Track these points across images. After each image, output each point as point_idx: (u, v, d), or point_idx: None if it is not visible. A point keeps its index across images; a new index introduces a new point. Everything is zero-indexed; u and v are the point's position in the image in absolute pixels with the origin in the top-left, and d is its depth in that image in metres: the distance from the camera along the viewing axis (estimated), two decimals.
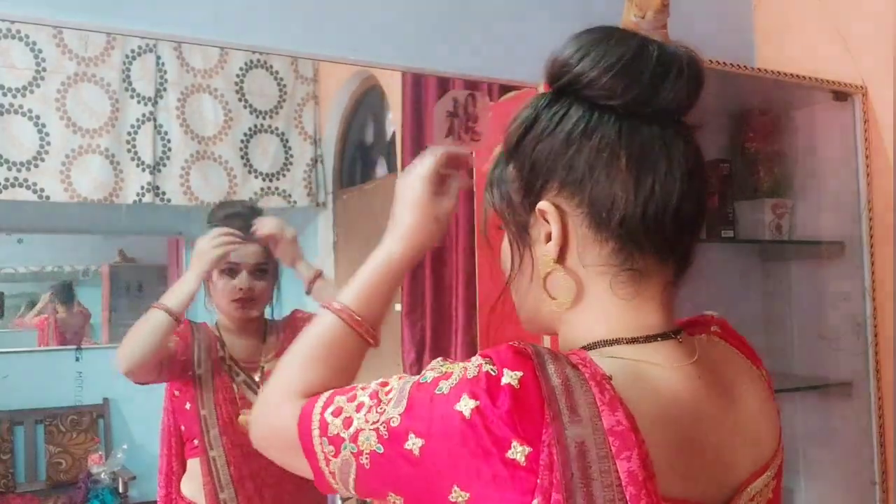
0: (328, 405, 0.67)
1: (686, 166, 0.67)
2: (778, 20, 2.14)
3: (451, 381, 0.60)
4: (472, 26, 1.72)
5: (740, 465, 0.67)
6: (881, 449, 1.85)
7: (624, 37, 0.67)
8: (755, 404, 0.71)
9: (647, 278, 0.67)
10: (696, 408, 0.65)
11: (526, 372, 0.58)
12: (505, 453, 0.56)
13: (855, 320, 1.90)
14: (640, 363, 0.64)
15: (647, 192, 0.64)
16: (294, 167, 2.43)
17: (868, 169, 1.91)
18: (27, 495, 2.36)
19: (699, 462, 0.63)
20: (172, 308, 1.49)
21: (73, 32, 1.97)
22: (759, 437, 0.70)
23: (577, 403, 0.57)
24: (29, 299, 2.87)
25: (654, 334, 0.66)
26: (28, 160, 2.04)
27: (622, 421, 0.57)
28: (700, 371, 0.67)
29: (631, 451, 0.56)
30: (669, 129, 0.67)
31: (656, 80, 0.65)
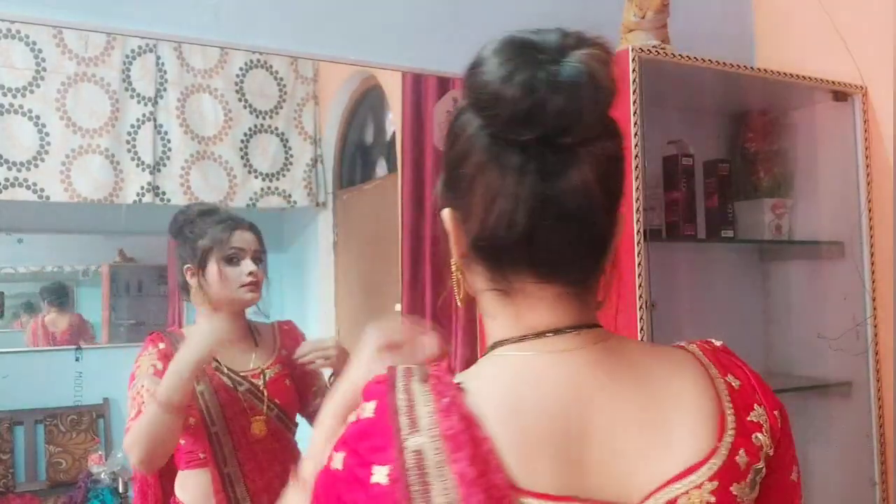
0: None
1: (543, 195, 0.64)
2: (778, 20, 2.14)
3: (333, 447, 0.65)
4: (472, 26, 1.72)
5: (642, 462, 0.65)
6: (881, 449, 1.85)
7: (519, 50, 0.65)
8: (678, 404, 0.68)
9: (526, 295, 0.68)
10: (579, 398, 0.65)
11: (379, 398, 0.64)
12: (370, 480, 0.60)
13: (855, 320, 1.91)
14: (515, 356, 0.67)
15: (494, 216, 0.64)
16: (294, 167, 2.43)
17: (868, 169, 1.91)
18: (27, 495, 2.36)
19: (571, 454, 0.63)
20: (172, 401, 1.42)
21: (73, 32, 1.97)
22: (674, 437, 0.67)
23: (417, 415, 0.62)
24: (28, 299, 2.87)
25: (543, 331, 0.67)
26: (28, 160, 2.04)
27: (455, 425, 0.60)
28: (591, 356, 0.67)
29: (461, 453, 0.59)
30: (548, 153, 0.64)
31: (531, 103, 0.62)
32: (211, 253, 1.62)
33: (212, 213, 1.67)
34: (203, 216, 1.67)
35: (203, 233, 1.63)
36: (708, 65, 1.71)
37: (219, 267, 1.61)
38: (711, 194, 1.92)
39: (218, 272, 1.61)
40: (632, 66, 1.57)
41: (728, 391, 0.71)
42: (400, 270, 2.22)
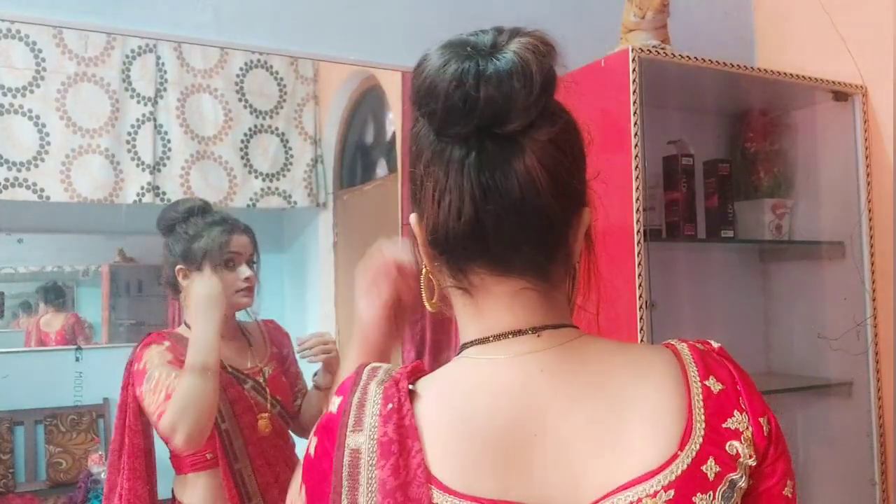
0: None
1: (486, 184, 0.64)
2: (778, 20, 2.14)
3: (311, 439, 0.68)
4: (472, 26, 1.71)
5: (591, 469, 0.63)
6: (881, 449, 1.85)
7: (451, 49, 0.66)
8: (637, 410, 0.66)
9: (487, 292, 0.68)
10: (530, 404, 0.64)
11: (344, 395, 0.67)
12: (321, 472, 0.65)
13: (855, 320, 1.91)
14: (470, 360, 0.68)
15: (445, 215, 0.66)
16: (294, 167, 2.43)
17: (868, 169, 1.91)
18: (27, 495, 2.36)
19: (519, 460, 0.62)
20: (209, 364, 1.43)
21: (73, 32, 1.97)
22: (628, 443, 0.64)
23: (363, 415, 0.64)
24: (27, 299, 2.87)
25: (504, 332, 0.68)
26: (28, 160, 2.04)
27: (389, 433, 0.62)
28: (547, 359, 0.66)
29: (386, 461, 0.61)
30: (489, 145, 0.65)
31: (455, 108, 0.63)
32: (208, 256, 1.60)
33: (205, 213, 1.65)
34: (197, 215, 1.65)
35: (199, 234, 1.61)
36: (708, 65, 1.71)
37: (219, 272, 1.60)
38: (711, 194, 1.92)
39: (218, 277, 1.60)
40: (632, 66, 1.57)
41: (703, 396, 0.67)
42: None
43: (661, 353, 0.71)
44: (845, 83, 1.91)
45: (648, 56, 1.62)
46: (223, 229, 1.62)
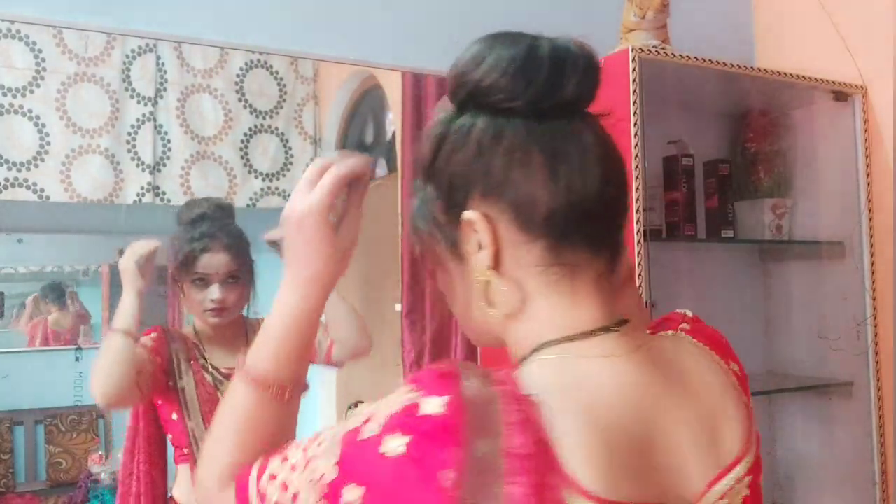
0: (262, 472, 0.66)
1: (599, 153, 0.66)
2: (778, 20, 2.14)
3: (379, 420, 0.59)
4: (472, 26, 1.71)
5: (699, 460, 0.65)
6: (881, 449, 1.85)
7: (514, 38, 0.67)
8: (717, 398, 0.69)
9: (580, 272, 0.66)
10: (637, 401, 0.64)
11: (452, 395, 0.58)
12: (434, 483, 0.56)
13: (855, 320, 1.90)
14: (575, 359, 0.64)
15: (565, 183, 0.64)
16: (294, 167, 2.43)
17: (868, 169, 1.91)
18: (27, 495, 2.36)
19: (646, 457, 0.62)
20: (125, 328, 1.47)
21: (73, 32, 1.97)
22: (719, 433, 0.68)
23: (489, 421, 0.57)
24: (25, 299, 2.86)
25: (591, 330, 0.66)
26: (28, 160, 2.04)
27: (527, 443, 0.57)
28: (644, 361, 0.66)
29: (519, 478, 0.56)
30: (575, 120, 0.67)
31: (553, 75, 0.65)
32: (181, 272, 1.62)
33: (197, 224, 1.64)
34: (191, 224, 1.65)
35: (180, 247, 1.62)
36: (708, 65, 1.71)
37: (186, 287, 1.62)
38: (711, 194, 1.92)
39: (186, 292, 1.63)
40: (632, 66, 1.57)
41: (738, 381, 0.72)
42: (400, 270, 2.22)
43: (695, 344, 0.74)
44: (845, 83, 1.91)
45: (648, 56, 1.62)
46: (196, 247, 1.61)
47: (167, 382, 1.58)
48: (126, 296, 1.53)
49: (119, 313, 1.51)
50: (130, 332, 1.47)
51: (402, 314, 2.21)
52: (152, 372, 1.54)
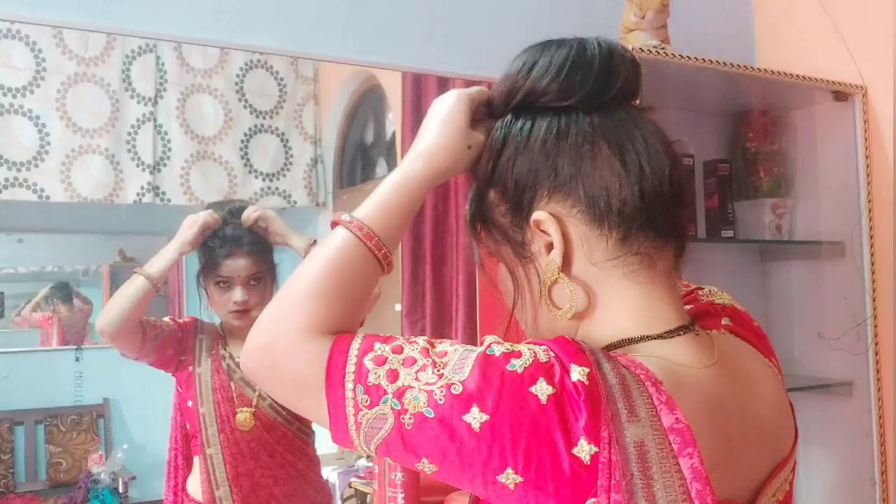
0: (367, 350, 0.61)
1: (660, 139, 0.68)
2: (778, 20, 2.14)
3: (524, 360, 0.57)
4: (472, 26, 1.72)
5: (764, 459, 0.67)
6: (881, 449, 1.85)
7: (561, 41, 0.69)
8: (772, 398, 0.71)
9: (655, 261, 0.67)
10: (722, 406, 0.64)
11: (591, 369, 0.57)
12: (572, 449, 0.55)
13: (855, 320, 1.90)
14: (671, 363, 0.63)
15: (637, 172, 0.65)
16: (294, 167, 2.43)
17: (868, 169, 1.91)
18: (27, 495, 2.36)
19: (731, 460, 0.63)
20: (151, 274, 1.53)
21: (73, 32, 1.97)
22: (776, 431, 0.70)
23: (634, 404, 0.56)
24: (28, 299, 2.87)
25: (674, 328, 0.66)
26: (28, 160, 2.04)
27: (681, 419, 0.56)
28: (721, 368, 0.67)
29: (693, 448, 0.56)
30: (631, 111, 0.69)
31: (605, 70, 0.67)
32: (205, 274, 1.67)
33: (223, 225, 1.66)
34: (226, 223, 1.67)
35: (203, 251, 1.66)
36: (708, 65, 1.71)
37: (210, 289, 1.66)
38: (711, 194, 1.92)
39: (211, 294, 1.67)
40: None
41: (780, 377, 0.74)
42: (400, 270, 2.22)
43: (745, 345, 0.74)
44: (845, 83, 1.91)
45: (648, 56, 1.62)
46: (219, 253, 1.64)
47: (188, 367, 1.62)
48: (170, 248, 1.58)
49: (154, 259, 1.56)
50: (151, 277, 1.53)
51: (402, 314, 2.21)
52: (166, 335, 1.60)
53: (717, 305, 0.78)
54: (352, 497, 2.30)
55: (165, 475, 1.68)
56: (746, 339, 0.74)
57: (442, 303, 2.16)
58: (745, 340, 0.74)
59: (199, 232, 1.60)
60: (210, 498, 1.57)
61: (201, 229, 1.60)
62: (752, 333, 0.76)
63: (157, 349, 1.58)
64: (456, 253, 2.11)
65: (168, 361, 1.61)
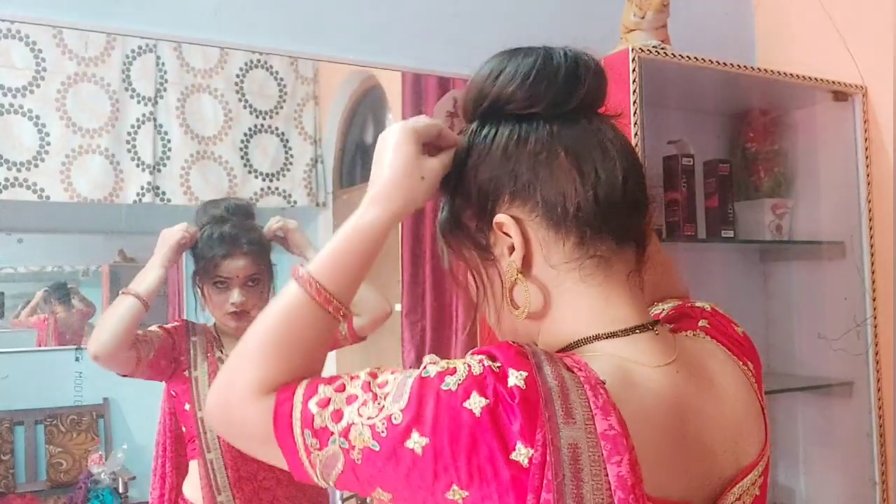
0: (311, 394, 0.64)
1: (619, 149, 0.69)
2: (778, 20, 2.14)
3: (458, 377, 0.59)
4: (472, 26, 1.71)
5: (724, 462, 0.68)
6: (881, 449, 1.85)
7: (529, 49, 0.70)
8: (738, 401, 0.71)
9: (611, 264, 0.69)
10: (678, 404, 0.65)
11: (529, 372, 0.59)
12: (510, 455, 0.57)
13: (855, 320, 1.90)
14: (624, 361, 0.65)
15: (592, 178, 0.67)
16: (294, 167, 2.43)
17: (868, 169, 1.91)
18: (27, 495, 2.36)
19: (684, 460, 0.65)
20: (140, 293, 1.50)
21: (73, 32, 1.97)
22: (742, 433, 0.70)
23: (572, 406, 0.58)
24: (28, 299, 2.86)
25: (630, 327, 0.67)
26: (28, 160, 2.04)
27: (614, 426, 0.58)
28: (681, 368, 0.68)
29: (622, 456, 0.57)
30: (591, 121, 0.70)
31: (570, 79, 0.68)
32: (203, 274, 1.63)
33: (220, 224, 1.65)
34: (213, 225, 1.65)
35: (203, 249, 1.63)
36: (708, 65, 1.71)
37: (207, 290, 1.64)
38: (711, 194, 1.92)
39: (207, 294, 1.64)
40: (632, 67, 1.57)
41: (754, 378, 0.74)
42: (400, 270, 2.22)
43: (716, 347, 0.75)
44: (845, 83, 1.91)
45: (648, 56, 1.62)
46: (218, 252, 1.62)
47: (182, 371, 1.59)
48: (153, 265, 1.56)
49: (138, 277, 1.54)
50: (140, 296, 1.50)
51: (402, 314, 2.21)
52: (158, 347, 1.56)
53: (697, 308, 0.80)
54: (351, 497, 2.30)
55: (151, 484, 1.64)
56: (720, 341, 0.75)
57: (442, 303, 2.16)
58: (719, 343, 0.75)
59: (178, 249, 1.59)
60: (212, 502, 1.55)
61: (178, 246, 1.58)
62: (727, 337, 0.76)
63: (151, 364, 1.55)
64: None
65: (162, 372, 1.58)
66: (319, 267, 0.70)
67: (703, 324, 0.77)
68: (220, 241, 1.62)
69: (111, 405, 2.56)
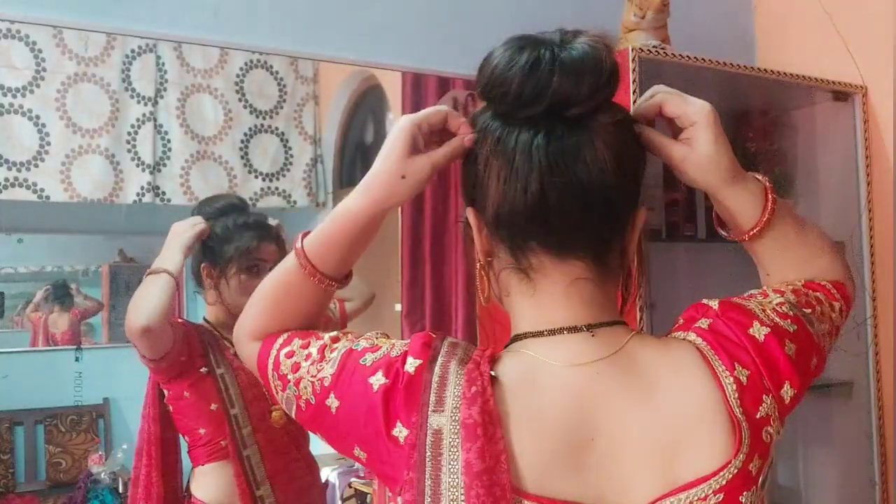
0: (285, 345, 0.76)
1: (549, 162, 0.66)
2: (778, 20, 2.14)
3: (376, 355, 0.69)
4: (472, 26, 1.71)
5: (643, 474, 0.65)
6: (881, 449, 1.85)
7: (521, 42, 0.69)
8: (685, 416, 0.67)
9: (544, 275, 0.69)
10: (583, 405, 0.65)
11: (423, 361, 0.66)
12: (392, 430, 0.65)
13: (855, 320, 1.90)
14: (536, 359, 0.67)
15: (512, 190, 0.67)
16: (294, 167, 2.43)
17: (868, 169, 1.91)
18: (27, 495, 2.36)
19: (580, 460, 0.64)
20: (172, 270, 1.49)
21: (73, 32, 1.97)
22: (679, 449, 0.66)
23: (445, 395, 0.64)
24: (28, 299, 2.87)
25: (559, 328, 0.69)
26: (28, 160, 2.04)
27: (474, 415, 0.62)
28: (605, 368, 0.67)
29: (472, 444, 0.62)
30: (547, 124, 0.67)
31: (533, 82, 0.66)
32: (234, 261, 1.60)
33: (240, 213, 1.64)
34: (230, 214, 1.64)
35: (230, 237, 1.61)
36: (708, 65, 1.71)
37: (239, 276, 1.60)
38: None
39: (238, 282, 1.60)
40: (632, 67, 1.57)
41: (738, 391, 0.68)
42: (400, 270, 2.22)
43: (690, 352, 0.71)
44: (845, 83, 1.91)
45: (648, 56, 1.62)
46: (253, 235, 1.61)
47: (198, 369, 1.55)
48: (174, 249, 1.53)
49: (162, 257, 1.52)
50: (172, 273, 1.49)
51: (402, 314, 2.21)
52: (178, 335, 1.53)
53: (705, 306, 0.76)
54: (352, 497, 2.30)
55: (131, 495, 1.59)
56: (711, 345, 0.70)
57: (442, 303, 2.16)
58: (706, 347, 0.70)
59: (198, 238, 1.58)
60: (249, 499, 1.53)
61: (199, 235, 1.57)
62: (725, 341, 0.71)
63: (177, 348, 1.51)
64: (456, 253, 2.11)
65: (179, 361, 1.53)
66: (314, 241, 0.78)
67: (702, 324, 0.73)
68: (248, 227, 1.62)
69: (111, 405, 2.56)
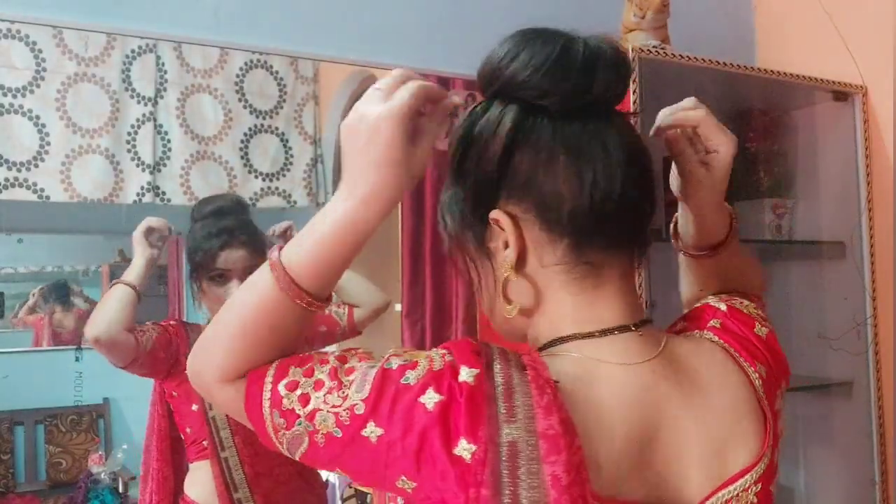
0: (281, 377, 0.66)
1: (623, 154, 0.67)
2: (778, 20, 2.14)
3: (418, 371, 0.61)
4: (472, 26, 1.72)
5: (699, 469, 0.67)
6: (881, 449, 1.85)
7: (550, 36, 0.68)
8: (729, 403, 0.70)
9: (603, 270, 0.68)
10: (646, 402, 0.65)
11: (479, 370, 0.60)
12: (453, 450, 0.58)
13: (855, 320, 1.90)
14: (591, 360, 0.65)
15: (589, 184, 0.65)
16: (294, 167, 2.43)
17: (868, 169, 1.91)
18: (27, 495, 2.36)
19: (644, 459, 0.64)
20: (128, 280, 1.53)
21: (73, 32, 1.97)
22: (728, 443, 0.68)
23: (515, 405, 0.59)
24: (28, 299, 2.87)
25: (610, 328, 0.67)
26: (28, 160, 2.04)
27: (554, 425, 0.58)
28: (658, 368, 0.67)
29: (557, 456, 0.57)
30: (602, 120, 0.68)
31: (584, 75, 0.66)
32: (201, 268, 1.62)
33: (217, 218, 1.65)
34: (210, 217, 1.65)
35: (199, 243, 1.63)
36: (708, 65, 1.71)
37: (204, 284, 1.62)
38: None
39: (206, 289, 1.63)
40: (631, 67, 1.57)
41: (763, 387, 0.72)
42: (400, 270, 2.22)
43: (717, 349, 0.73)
44: (845, 83, 1.91)
45: (648, 56, 1.62)
46: (215, 244, 1.61)
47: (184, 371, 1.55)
48: (136, 257, 1.59)
49: (128, 270, 1.58)
50: (131, 283, 1.53)
51: (402, 314, 2.21)
52: (156, 338, 1.56)
53: (711, 308, 0.79)
54: (352, 497, 2.30)
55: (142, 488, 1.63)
56: (729, 343, 0.74)
57: (442, 303, 2.16)
58: (726, 345, 0.74)
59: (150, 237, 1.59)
60: (227, 501, 1.54)
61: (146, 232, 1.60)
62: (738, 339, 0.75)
63: (150, 353, 1.54)
64: None
65: (160, 364, 1.56)
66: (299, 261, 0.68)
67: (714, 323, 0.76)
68: (216, 234, 1.62)
69: (111, 405, 2.56)
